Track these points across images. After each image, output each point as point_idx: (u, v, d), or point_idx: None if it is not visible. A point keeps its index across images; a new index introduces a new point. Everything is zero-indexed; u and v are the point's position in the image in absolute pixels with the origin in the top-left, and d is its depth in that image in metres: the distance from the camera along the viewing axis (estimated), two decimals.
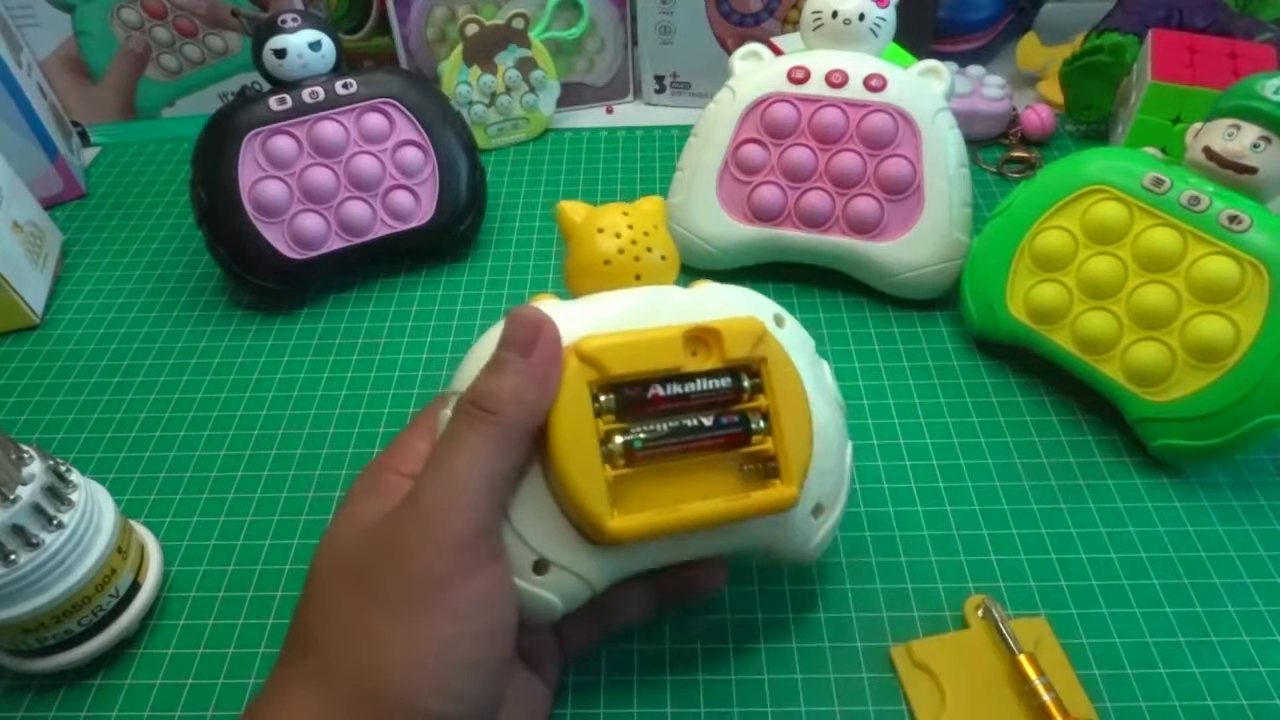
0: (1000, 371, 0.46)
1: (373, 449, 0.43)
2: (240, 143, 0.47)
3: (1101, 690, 0.33)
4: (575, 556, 0.28)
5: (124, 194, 0.61)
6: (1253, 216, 0.38)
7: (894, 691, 0.33)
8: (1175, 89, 0.50)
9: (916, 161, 0.46)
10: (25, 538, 0.31)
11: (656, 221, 0.32)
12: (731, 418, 0.29)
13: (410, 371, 0.47)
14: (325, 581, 0.27)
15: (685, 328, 0.28)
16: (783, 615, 0.36)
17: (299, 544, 0.39)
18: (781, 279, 0.51)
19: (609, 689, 0.34)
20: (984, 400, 0.44)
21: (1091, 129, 0.61)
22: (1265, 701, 0.33)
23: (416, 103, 0.51)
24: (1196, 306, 0.39)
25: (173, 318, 0.51)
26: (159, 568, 0.37)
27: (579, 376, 0.27)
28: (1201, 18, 0.57)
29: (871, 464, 0.41)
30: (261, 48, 0.48)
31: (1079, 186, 0.42)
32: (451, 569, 0.25)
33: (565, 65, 0.65)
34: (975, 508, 0.39)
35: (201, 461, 0.43)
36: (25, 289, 0.50)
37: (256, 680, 0.35)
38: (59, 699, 0.34)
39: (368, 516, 0.27)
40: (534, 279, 0.53)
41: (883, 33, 0.47)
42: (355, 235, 0.50)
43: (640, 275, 0.31)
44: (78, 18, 0.60)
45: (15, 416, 0.46)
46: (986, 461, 0.41)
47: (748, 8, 0.61)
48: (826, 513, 0.32)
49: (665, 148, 0.63)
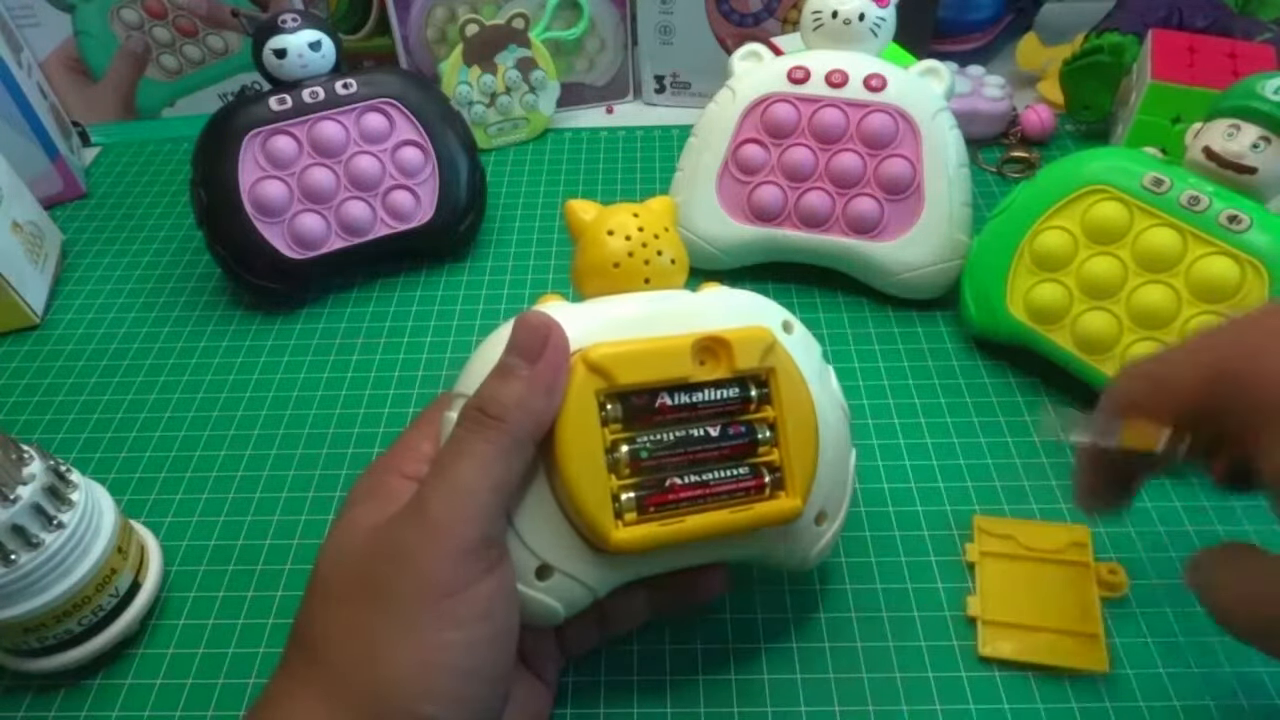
0: (1000, 371, 0.46)
1: (373, 449, 0.43)
2: (240, 143, 0.47)
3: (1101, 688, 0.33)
4: (578, 563, 0.28)
5: (124, 194, 0.61)
6: (1252, 216, 0.38)
7: (894, 691, 0.33)
8: (1175, 89, 0.50)
9: (916, 161, 0.46)
10: (25, 538, 0.31)
11: (667, 223, 0.31)
12: (738, 428, 0.29)
13: (410, 371, 0.47)
14: (328, 587, 0.27)
15: (694, 337, 0.28)
16: (783, 615, 0.36)
17: (299, 544, 0.39)
18: (781, 279, 0.51)
19: (609, 689, 0.34)
20: (984, 400, 0.44)
21: (1091, 129, 0.61)
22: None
23: (416, 103, 0.51)
24: (1196, 306, 0.39)
25: (173, 318, 0.51)
26: (159, 568, 0.37)
27: (586, 385, 0.27)
28: (1201, 18, 0.57)
29: (871, 464, 0.41)
30: (261, 48, 0.48)
31: (1079, 186, 0.42)
32: (455, 576, 0.25)
33: (565, 65, 0.65)
34: (975, 507, 0.39)
35: (201, 461, 0.43)
36: (25, 289, 0.50)
37: (257, 680, 0.35)
38: (59, 699, 0.34)
39: (370, 521, 0.27)
40: (534, 279, 0.53)
41: (883, 33, 0.47)
42: (355, 235, 0.50)
43: (649, 279, 0.31)
44: (78, 18, 0.60)
45: (15, 416, 0.46)
46: (986, 461, 0.41)
47: (748, 8, 0.61)
48: (829, 521, 0.32)
49: (665, 148, 0.63)
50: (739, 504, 0.29)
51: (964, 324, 0.46)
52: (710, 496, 0.28)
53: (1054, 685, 0.33)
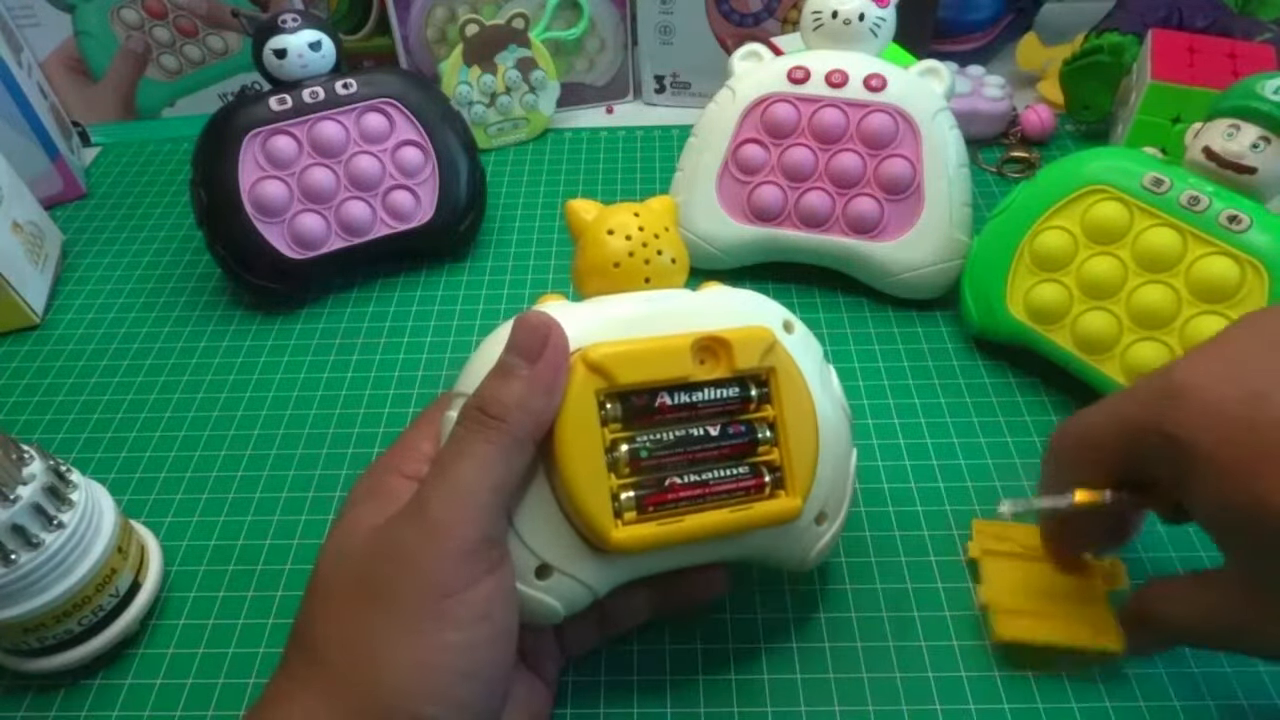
0: (1000, 371, 0.46)
1: (373, 449, 0.43)
2: (240, 143, 0.47)
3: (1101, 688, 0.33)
4: (577, 562, 0.28)
5: (124, 194, 0.61)
6: (1252, 216, 0.38)
7: (894, 691, 0.33)
8: (1175, 89, 0.50)
9: (916, 161, 0.46)
10: (25, 538, 0.31)
11: (667, 223, 0.31)
12: (738, 427, 0.29)
13: (410, 371, 0.47)
14: (328, 587, 0.27)
15: (694, 337, 0.28)
16: (783, 615, 0.36)
17: (299, 544, 0.39)
18: (781, 279, 0.51)
19: (609, 689, 0.34)
20: (984, 400, 0.44)
21: (1091, 129, 0.61)
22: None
23: (416, 103, 0.51)
24: (1196, 306, 0.39)
25: (173, 318, 0.51)
26: (159, 568, 0.37)
27: (586, 384, 0.27)
28: (1201, 18, 0.57)
29: (871, 464, 0.41)
30: (261, 48, 0.48)
31: (1079, 186, 0.42)
32: (456, 577, 0.25)
33: (565, 65, 0.65)
34: (975, 508, 0.39)
35: (201, 461, 0.43)
36: (25, 289, 0.50)
37: (257, 680, 0.35)
38: (59, 699, 0.34)
39: (371, 521, 0.27)
40: (534, 279, 0.53)
41: (883, 33, 0.47)
42: (355, 235, 0.50)
43: (650, 278, 0.31)
44: (78, 18, 0.60)
45: (15, 416, 0.46)
46: (986, 461, 0.41)
47: (748, 8, 0.61)
48: (829, 521, 0.32)
49: (665, 148, 0.63)
50: (739, 503, 0.29)
51: (964, 324, 0.46)
52: (710, 496, 0.28)
53: (1054, 685, 0.33)
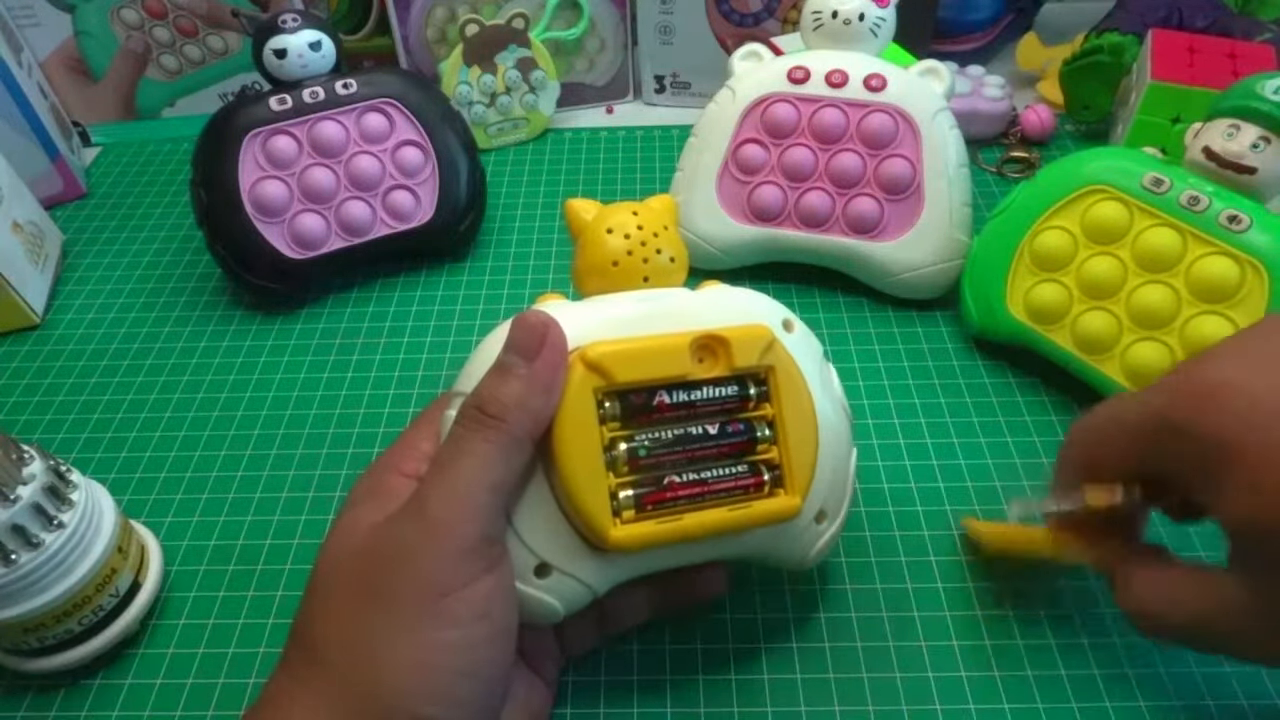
0: (1000, 371, 0.46)
1: (373, 449, 0.43)
2: (240, 143, 0.47)
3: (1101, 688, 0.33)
4: (576, 561, 0.28)
5: (124, 194, 0.61)
6: (1252, 216, 0.38)
7: (894, 691, 0.33)
8: (1175, 89, 0.50)
9: (916, 161, 0.46)
10: (25, 537, 0.31)
11: (667, 222, 0.31)
12: (737, 426, 0.29)
13: (410, 371, 0.47)
14: (327, 586, 0.27)
15: (693, 335, 0.28)
16: (783, 615, 0.36)
17: (299, 544, 0.39)
18: (781, 279, 0.51)
19: (609, 689, 0.34)
20: (984, 400, 0.44)
21: (1091, 129, 0.61)
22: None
23: (416, 103, 0.51)
24: (1196, 306, 0.39)
25: (173, 318, 0.51)
26: (159, 568, 0.37)
27: (584, 383, 0.27)
28: (1201, 18, 0.57)
29: (871, 464, 0.41)
30: (261, 48, 0.48)
31: (1079, 186, 0.42)
32: (454, 575, 0.25)
33: (565, 65, 0.65)
34: (975, 507, 0.39)
35: (201, 461, 0.43)
36: (25, 289, 0.50)
37: (257, 680, 0.35)
38: (59, 699, 0.34)
39: (370, 520, 0.27)
40: (534, 279, 0.53)
41: (883, 33, 0.47)
42: (355, 235, 0.50)
43: (649, 277, 0.31)
44: (78, 18, 0.60)
45: (15, 416, 0.46)
46: (986, 461, 0.41)
47: (748, 8, 0.61)
48: (829, 520, 0.32)
49: (665, 148, 0.63)
50: (738, 502, 0.29)
51: (964, 324, 0.46)
52: (709, 494, 0.28)
53: (1054, 685, 0.33)
